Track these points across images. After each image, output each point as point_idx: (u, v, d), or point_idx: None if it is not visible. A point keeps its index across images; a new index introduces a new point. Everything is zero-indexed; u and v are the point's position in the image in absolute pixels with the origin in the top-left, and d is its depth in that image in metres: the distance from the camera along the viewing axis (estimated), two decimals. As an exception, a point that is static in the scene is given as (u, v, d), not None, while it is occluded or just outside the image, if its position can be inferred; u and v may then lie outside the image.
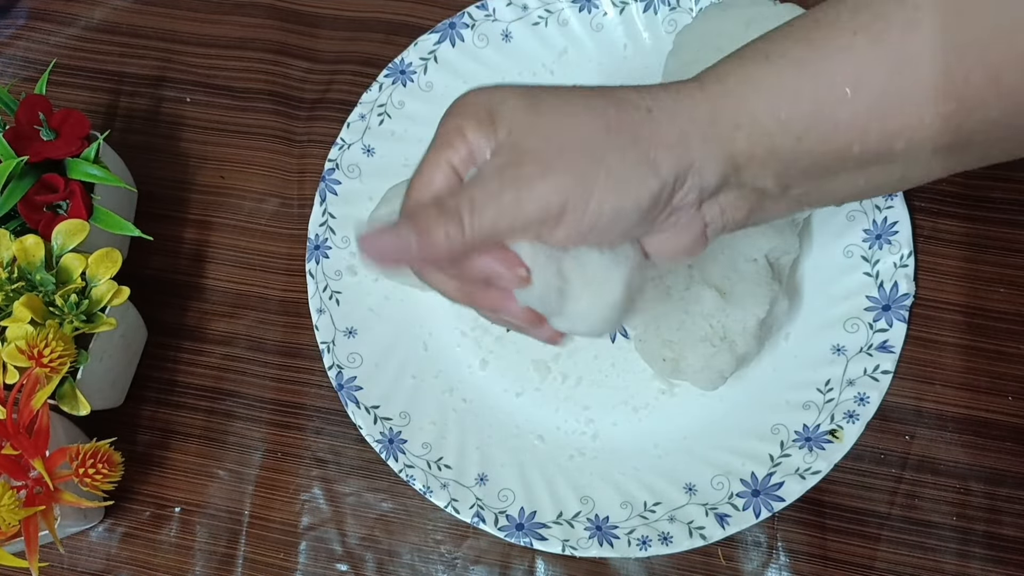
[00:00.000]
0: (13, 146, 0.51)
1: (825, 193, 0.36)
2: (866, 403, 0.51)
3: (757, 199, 0.36)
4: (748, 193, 0.35)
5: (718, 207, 0.35)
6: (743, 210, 0.36)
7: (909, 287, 0.52)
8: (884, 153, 0.33)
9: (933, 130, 0.32)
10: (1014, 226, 0.54)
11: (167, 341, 0.58)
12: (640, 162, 0.33)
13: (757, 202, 0.36)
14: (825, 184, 0.35)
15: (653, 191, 0.33)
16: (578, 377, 0.55)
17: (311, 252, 0.56)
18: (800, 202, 0.37)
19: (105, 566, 0.54)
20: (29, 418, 0.45)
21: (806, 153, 0.33)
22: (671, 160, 0.33)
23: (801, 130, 0.33)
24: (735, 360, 0.48)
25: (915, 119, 0.32)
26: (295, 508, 0.54)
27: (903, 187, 0.38)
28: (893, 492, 0.51)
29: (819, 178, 0.35)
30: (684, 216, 0.35)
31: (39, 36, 0.65)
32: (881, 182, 0.36)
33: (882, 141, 0.33)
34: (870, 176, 0.35)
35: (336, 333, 0.55)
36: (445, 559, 0.53)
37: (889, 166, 0.34)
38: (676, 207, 0.34)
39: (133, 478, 0.55)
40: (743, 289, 0.48)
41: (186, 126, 0.62)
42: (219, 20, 0.64)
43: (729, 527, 0.49)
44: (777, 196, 0.36)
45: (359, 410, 0.53)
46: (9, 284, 0.48)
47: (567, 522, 0.51)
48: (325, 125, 0.60)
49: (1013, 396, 0.52)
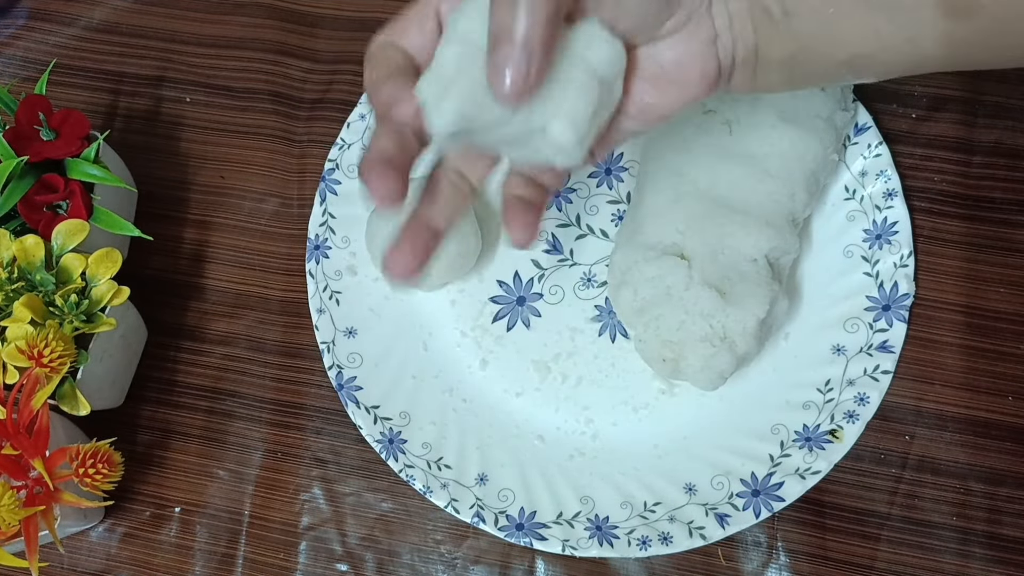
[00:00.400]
0: (13, 146, 0.51)
1: (831, 41, 0.35)
2: (866, 403, 0.51)
3: (763, 20, 0.35)
4: (754, 6, 0.35)
5: (727, 15, 0.35)
6: (749, 29, 0.35)
7: (909, 287, 0.52)
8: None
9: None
10: (1014, 226, 0.54)
11: (167, 341, 0.58)
12: None
13: (763, 24, 0.35)
14: (828, 24, 0.35)
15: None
16: (578, 377, 0.55)
17: (311, 252, 0.56)
18: (805, 49, 0.36)
19: (105, 566, 0.54)
20: (29, 418, 0.45)
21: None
22: None
23: None
24: (735, 360, 0.48)
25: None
26: (295, 508, 0.54)
27: (911, 57, 0.36)
28: (893, 492, 0.51)
29: (821, 13, 0.34)
30: (695, 9, 0.34)
31: (39, 36, 0.65)
32: (886, 40, 0.35)
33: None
34: (876, 26, 0.34)
35: (336, 333, 0.55)
36: (445, 559, 0.53)
37: (893, 14, 0.34)
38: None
39: (133, 478, 0.55)
40: (743, 289, 0.48)
41: (186, 126, 0.62)
42: (219, 20, 0.64)
43: (729, 527, 0.49)
44: (782, 23, 0.35)
45: (359, 410, 0.53)
46: (9, 284, 0.48)
47: (567, 522, 0.51)
48: (325, 125, 0.60)
49: (1013, 396, 0.52)
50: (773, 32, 0.35)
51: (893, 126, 0.56)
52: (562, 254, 0.57)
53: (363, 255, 0.55)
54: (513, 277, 0.56)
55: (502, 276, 0.57)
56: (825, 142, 0.51)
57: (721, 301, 0.47)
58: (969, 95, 0.57)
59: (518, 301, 0.56)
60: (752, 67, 0.36)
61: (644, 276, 0.49)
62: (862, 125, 0.54)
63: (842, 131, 0.53)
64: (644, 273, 0.49)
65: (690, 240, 0.49)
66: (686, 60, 0.35)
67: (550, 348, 0.55)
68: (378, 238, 0.53)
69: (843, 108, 0.53)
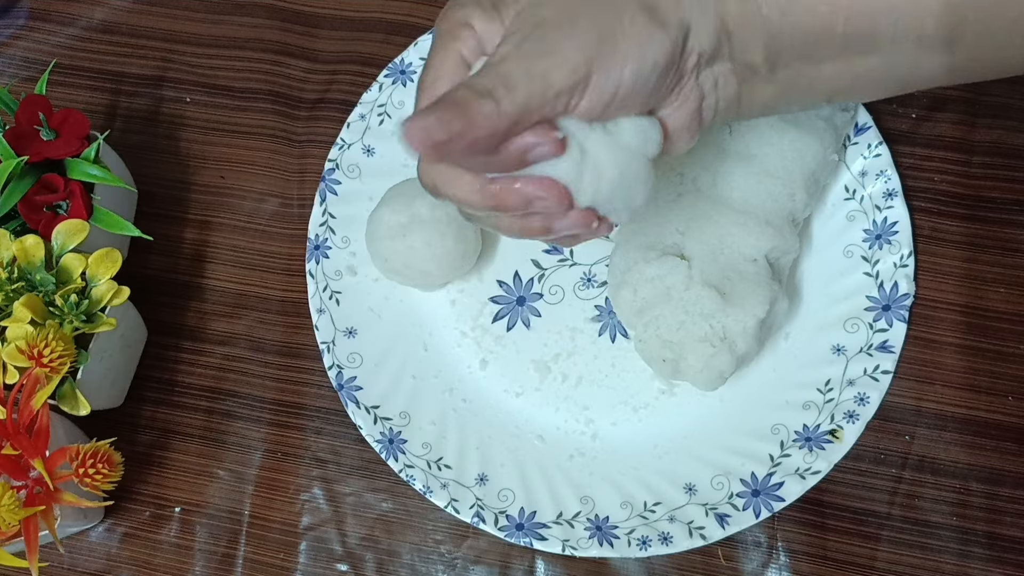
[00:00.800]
0: (13, 146, 0.51)
1: (812, 81, 0.37)
2: (866, 403, 0.51)
3: (747, 75, 0.37)
4: (739, 68, 0.36)
5: (712, 78, 0.37)
6: (733, 85, 0.37)
7: (909, 287, 0.52)
8: (869, 34, 0.35)
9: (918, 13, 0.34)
10: (1014, 226, 0.54)
11: (167, 341, 0.58)
12: (651, 21, 0.34)
13: (747, 79, 0.37)
14: (811, 69, 0.36)
15: (667, 50, 0.34)
16: (578, 377, 0.55)
17: (311, 252, 0.56)
18: (787, 90, 0.38)
19: (105, 566, 0.54)
20: (29, 418, 0.45)
21: (792, 26, 0.35)
22: (674, 17, 0.34)
23: (785, 2, 0.35)
24: (735, 360, 0.48)
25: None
26: (295, 508, 0.54)
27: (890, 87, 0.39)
28: (893, 492, 0.51)
29: (805, 59, 0.36)
30: (687, 84, 0.36)
31: (39, 36, 0.65)
32: (866, 76, 0.36)
33: (866, 17, 0.34)
34: (856, 66, 0.36)
35: (336, 333, 0.55)
36: (445, 559, 0.53)
37: (874, 55, 0.35)
38: (682, 72, 0.35)
39: (133, 478, 0.55)
40: (743, 289, 0.48)
41: (186, 126, 0.62)
42: (219, 20, 0.64)
43: (729, 527, 0.49)
44: (766, 76, 0.37)
45: (359, 410, 0.53)
46: (9, 284, 0.48)
47: (567, 522, 0.51)
48: (325, 125, 0.60)
49: (1013, 396, 0.52)
50: (756, 83, 0.37)
51: (893, 126, 0.56)
52: (562, 254, 0.57)
53: (363, 255, 0.55)
54: (513, 277, 0.56)
55: (502, 276, 0.57)
56: (825, 142, 0.51)
57: (721, 301, 0.47)
58: (969, 95, 0.57)
59: (518, 301, 0.56)
60: (735, 110, 0.39)
61: (644, 276, 0.49)
62: (862, 125, 0.54)
63: (842, 131, 0.53)
64: (644, 273, 0.49)
65: (690, 240, 0.49)
66: (678, 124, 0.37)
67: (550, 348, 0.55)
68: (378, 238, 0.53)
69: (843, 108, 0.53)
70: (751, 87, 0.37)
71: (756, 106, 0.39)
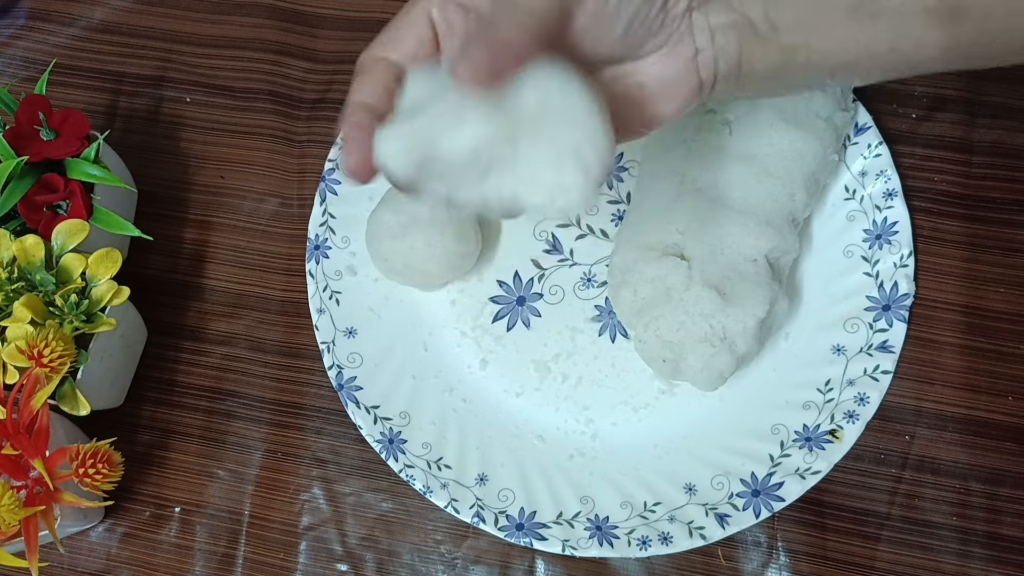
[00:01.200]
0: (13, 146, 0.51)
1: (815, 50, 0.36)
2: (866, 403, 0.51)
3: (747, 33, 0.36)
4: (737, 20, 0.35)
5: (708, 30, 0.36)
6: (733, 43, 0.36)
7: (909, 287, 0.52)
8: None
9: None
10: (1014, 226, 0.54)
11: (167, 341, 0.58)
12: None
13: (747, 37, 0.36)
14: (813, 35, 0.35)
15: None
16: (578, 377, 0.55)
17: (311, 252, 0.56)
18: (790, 60, 0.36)
19: (105, 566, 0.54)
20: (29, 418, 0.45)
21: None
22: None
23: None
24: (735, 360, 0.48)
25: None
26: (295, 508, 0.54)
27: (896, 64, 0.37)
28: (893, 492, 0.51)
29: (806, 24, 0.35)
30: (676, 28, 0.35)
31: (39, 36, 0.65)
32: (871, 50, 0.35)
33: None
34: (860, 35, 0.35)
35: (336, 333, 0.55)
36: (445, 559, 0.53)
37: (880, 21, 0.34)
38: (669, 10, 0.34)
39: (133, 478, 0.55)
40: (743, 289, 0.48)
41: (186, 126, 0.62)
42: (219, 20, 0.64)
43: (729, 527, 0.49)
44: (766, 36, 0.36)
45: (359, 410, 0.53)
46: (9, 284, 0.48)
47: (567, 522, 0.51)
48: (325, 125, 0.60)
49: (1013, 396, 0.52)
50: (758, 46, 0.36)
51: (893, 126, 0.56)
52: (562, 254, 0.57)
53: (363, 255, 0.55)
54: (513, 277, 0.56)
55: (502, 276, 0.57)
56: (825, 142, 0.51)
57: (721, 301, 0.47)
58: (969, 95, 0.57)
59: (518, 301, 0.56)
60: (735, 78, 0.37)
61: (644, 276, 0.49)
62: (862, 125, 0.54)
63: (842, 131, 0.53)
64: (644, 273, 0.49)
65: (690, 240, 0.49)
66: (668, 76, 0.36)
67: (550, 348, 0.55)
68: (378, 238, 0.53)
69: (843, 108, 0.53)
70: (752, 52, 0.36)
71: (758, 76, 0.37)
